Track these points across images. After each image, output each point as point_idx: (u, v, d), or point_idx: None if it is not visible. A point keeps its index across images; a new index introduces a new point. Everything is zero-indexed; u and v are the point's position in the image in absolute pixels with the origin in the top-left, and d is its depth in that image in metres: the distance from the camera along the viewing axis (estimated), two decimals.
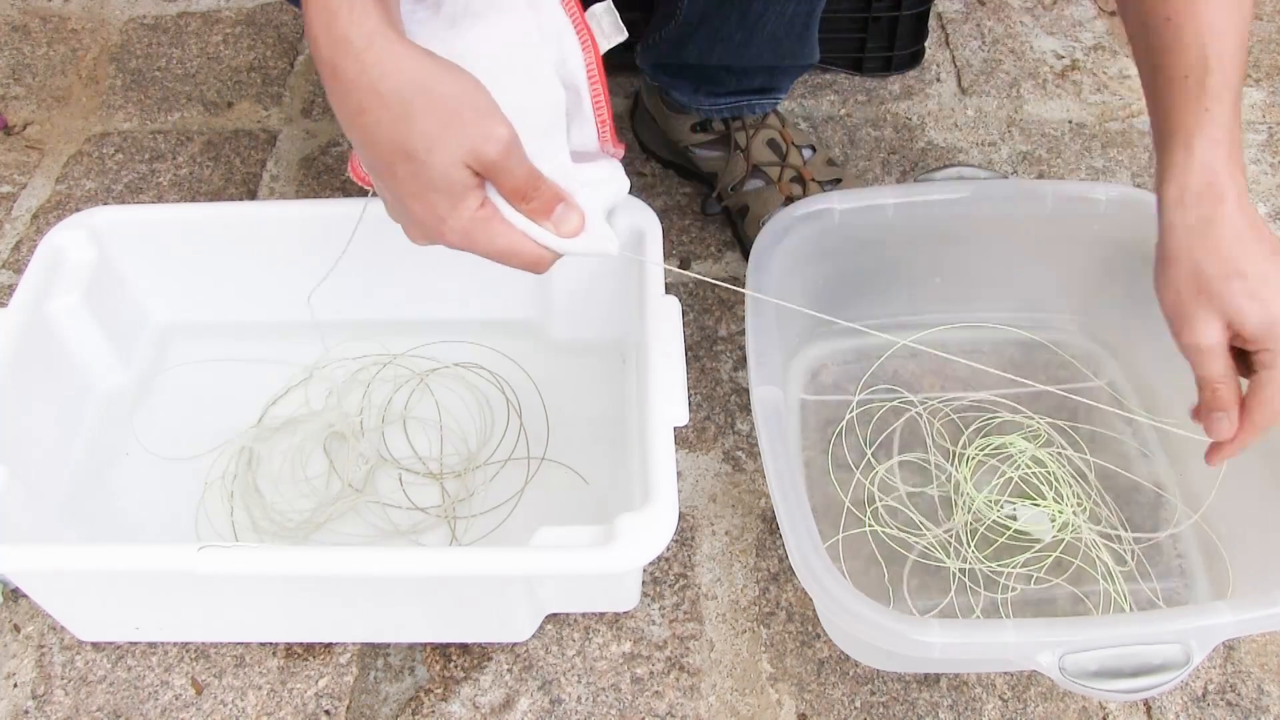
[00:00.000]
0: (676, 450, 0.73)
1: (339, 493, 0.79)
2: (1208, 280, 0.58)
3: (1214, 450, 0.62)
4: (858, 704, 0.71)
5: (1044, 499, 0.77)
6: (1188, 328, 0.59)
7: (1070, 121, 1.13)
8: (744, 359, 0.84)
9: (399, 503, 0.79)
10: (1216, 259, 0.58)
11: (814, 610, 0.75)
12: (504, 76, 0.55)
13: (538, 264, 0.58)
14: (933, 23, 1.22)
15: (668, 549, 0.78)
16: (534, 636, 0.74)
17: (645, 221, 0.77)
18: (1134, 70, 1.19)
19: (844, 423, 0.83)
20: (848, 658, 0.73)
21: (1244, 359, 0.60)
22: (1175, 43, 0.59)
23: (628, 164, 1.07)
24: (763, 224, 0.78)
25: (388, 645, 0.74)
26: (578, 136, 0.61)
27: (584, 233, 0.58)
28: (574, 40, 0.58)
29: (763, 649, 0.74)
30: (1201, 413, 0.61)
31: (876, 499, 0.79)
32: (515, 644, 0.74)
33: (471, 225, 0.55)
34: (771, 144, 0.96)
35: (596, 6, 0.59)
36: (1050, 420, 0.82)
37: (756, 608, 0.76)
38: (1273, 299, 0.57)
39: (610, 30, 0.59)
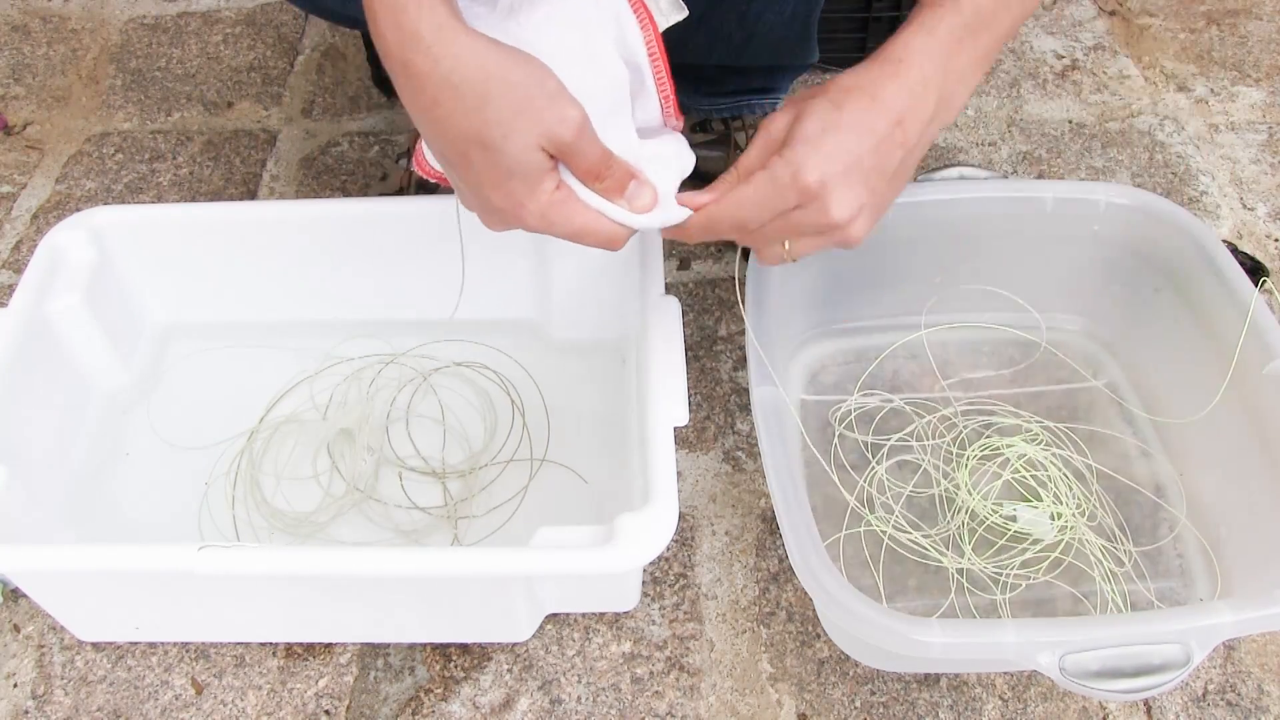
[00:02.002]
0: (676, 450, 0.73)
1: (341, 493, 0.79)
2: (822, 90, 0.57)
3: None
4: (858, 704, 0.71)
5: (1043, 499, 0.77)
6: (768, 119, 0.59)
7: (1070, 121, 1.13)
8: (744, 359, 0.84)
9: (401, 502, 0.79)
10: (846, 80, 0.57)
11: (814, 610, 0.75)
12: (567, 60, 0.55)
13: (613, 241, 0.59)
14: None
15: (668, 549, 0.78)
16: (534, 636, 0.74)
17: (652, 231, 0.77)
18: (1134, 70, 1.20)
19: (844, 423, 0.83)
20: (848, 658, 0.73)
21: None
22: None
23: None
24: None
25: (388, 645, 0.74)
26: (641, 114, 0.61)
27: (657, 207, 0.59)
28: (632, 19, 0.59)
29: (763, 649, 0.74)
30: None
31: (876, 499, 0.79)
32: (515, 644, 0.74)
33: (549, 207, 0.56)
34: None
35: None
36: (1050, 420, 0.82)
37: (756, 608, 0.76)
38: (827, 131, 0.55)
39: (668, 8, 0.60)
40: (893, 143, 0.56)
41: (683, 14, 0.60)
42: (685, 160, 0.63)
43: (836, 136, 0.55)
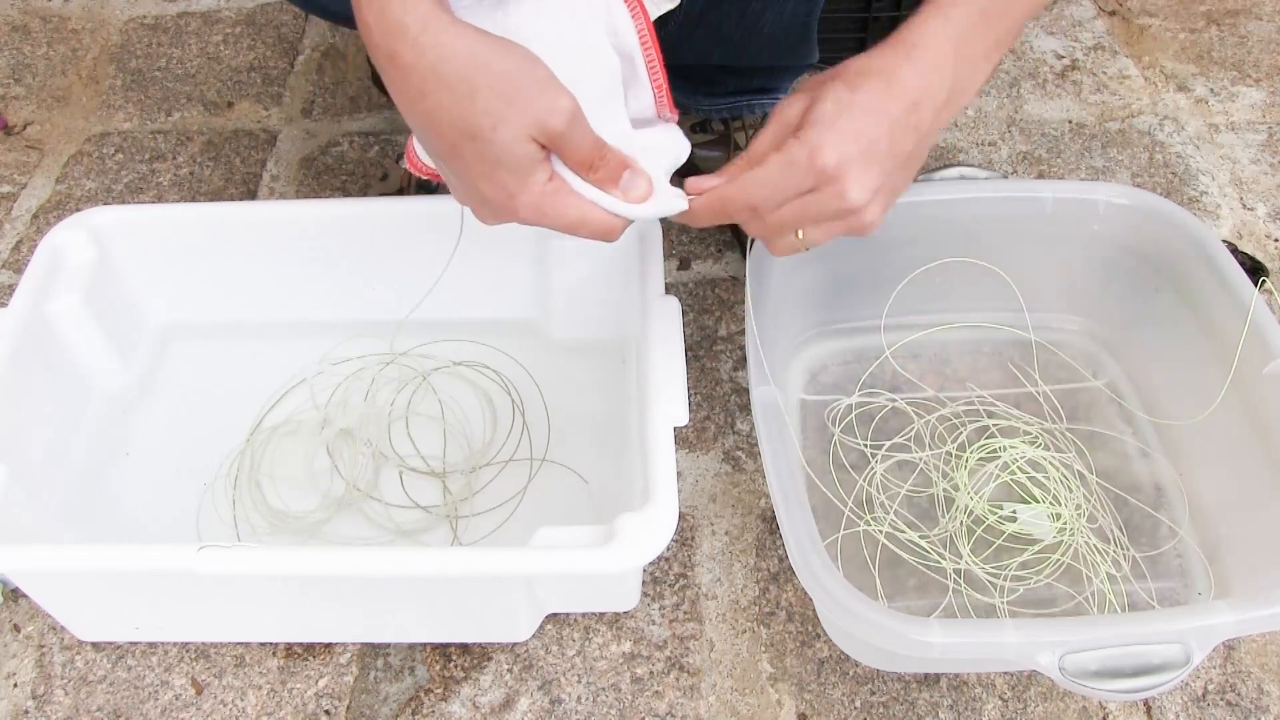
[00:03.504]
0: (676, 450, 0.73)
1: (341, 492, 0.79)
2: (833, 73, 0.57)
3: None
4: (858, 704, 0.71)
5: (1043, 500, 0.77)
6: (781, 103, 0.58)
7: (1070, 121, 1.13)
8: (744, 359, 0.84)
9: (400, 502, 0.79)
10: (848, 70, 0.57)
11: (814, 610, 0.75)
12: (558, 50, 0.55)
13: (609, 232, 0.58)
14: None
15: (668, 549, 0.78)
16: (534, 636, 0.74)
17: (645, 222, 0.77)
18: (1134, 70, 1.19)
19: (844, 423, 0.83)
20: (848, 658, 0.73)
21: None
22: None
23: None
24: None
25: (388, 645, 0.74)
26: (634, 104, 0.61)
27: (652, 196, 0.59)
28: (623, 8, 0.58)
29: (763, 649, 0.74)
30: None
31: (876, 499, 0.78)
32: (515, 644, 0.74)
33: (542, 199, 0.55)
34: None
35: None
36: (1049, 421, 0.82)
37: (756, 608, 0.76)
38: (839, 116, 0.55)
39: None
40: (908, 126, 0.56)
41: (674, 2, 0.60)
42: (680, 149, 0.62)
43: (852, 118, 0.54)
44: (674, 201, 0.59)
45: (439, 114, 0.52)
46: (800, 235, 0.58)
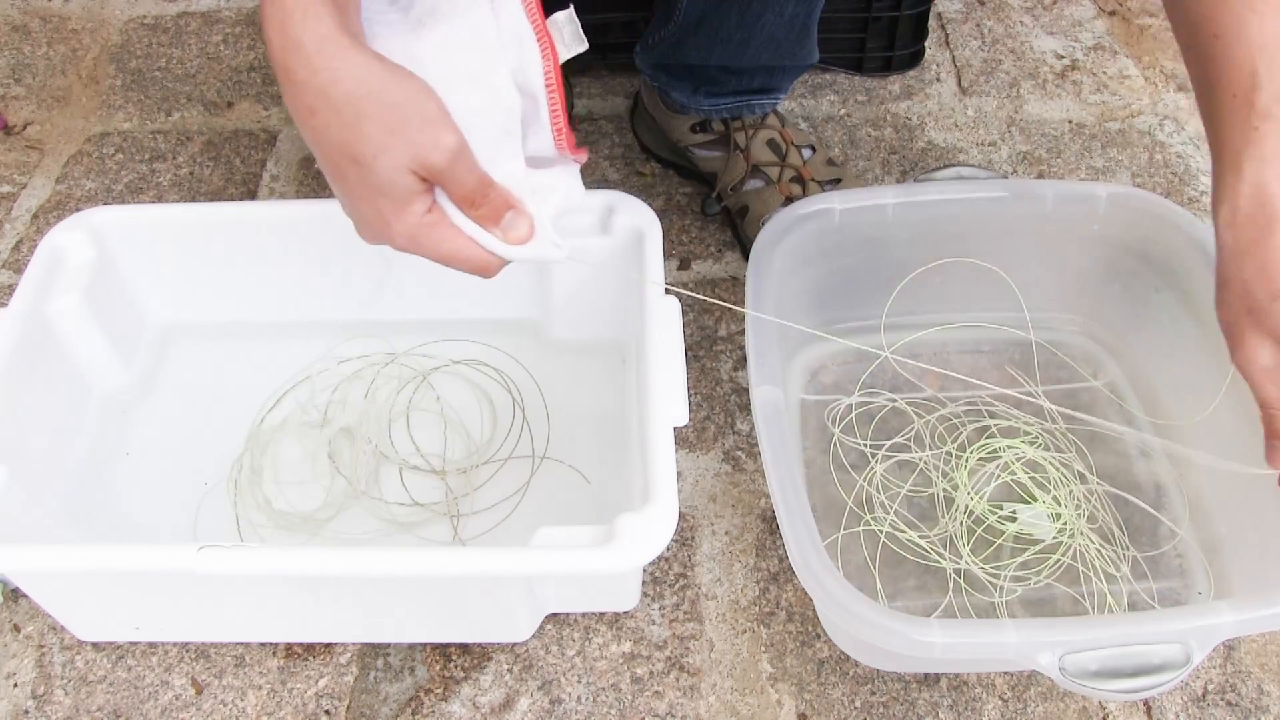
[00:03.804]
0: (676, 450, 0.73)
1: (341, 491, 0.79)
2: (1257, 302, 0.58)
3: None
4: (858, 704, 0.71)
5: (1043, 499, 0.77)
6: (1240, 349, 0.59)
7: (1070, 121, 1.13)
8: (744, 359, 0.84)
9: (401, 499, 0.79)
10: (1264, 279, 0.57)
11: (814, 610, 0.75)
12: (460, 82, 0.55)
13: (484, 269, 0.59)
14: (933, 23, 1.22)
15: (668, 549, 0.78)
16: (534, 636, 0.74)
17: (645, 222, 0.77)
18: (1134, 70, 1.20)
19: (844, 423, 0.83)
20: (848, 658, 0.73)
21: None
22: (1224, 59, 0.58)
23: (628, 164, 1.08)
24: (763, 224, 0.78)
25: (388, 645, 0.74)
26: (535, 143, 0.61)
27: (533, 239, 0.59)
28: (534, 47, 0.58)
29: (763, 649, 0.74)
30: (1267, 439, 0.61)
31: (876, 499, 0.79)
32: (515, 644, 0.74)
33: (417, 230, 0.56)
34: (771, 144, 0.96)
35: (559, 15, 0.59)
36: (1049, 421, 0.82)
37: (756, 608, 0.76)
38: None
39: (571, 40, 0.59)
40: None
41: (584, 46, 0.59)
42: (573, 193, 0.62)
43: None
44: (553, 249, 0.60)
45: (325, 134, 0.53)
46: None
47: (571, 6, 0.59)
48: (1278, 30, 0.57)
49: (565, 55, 0.59)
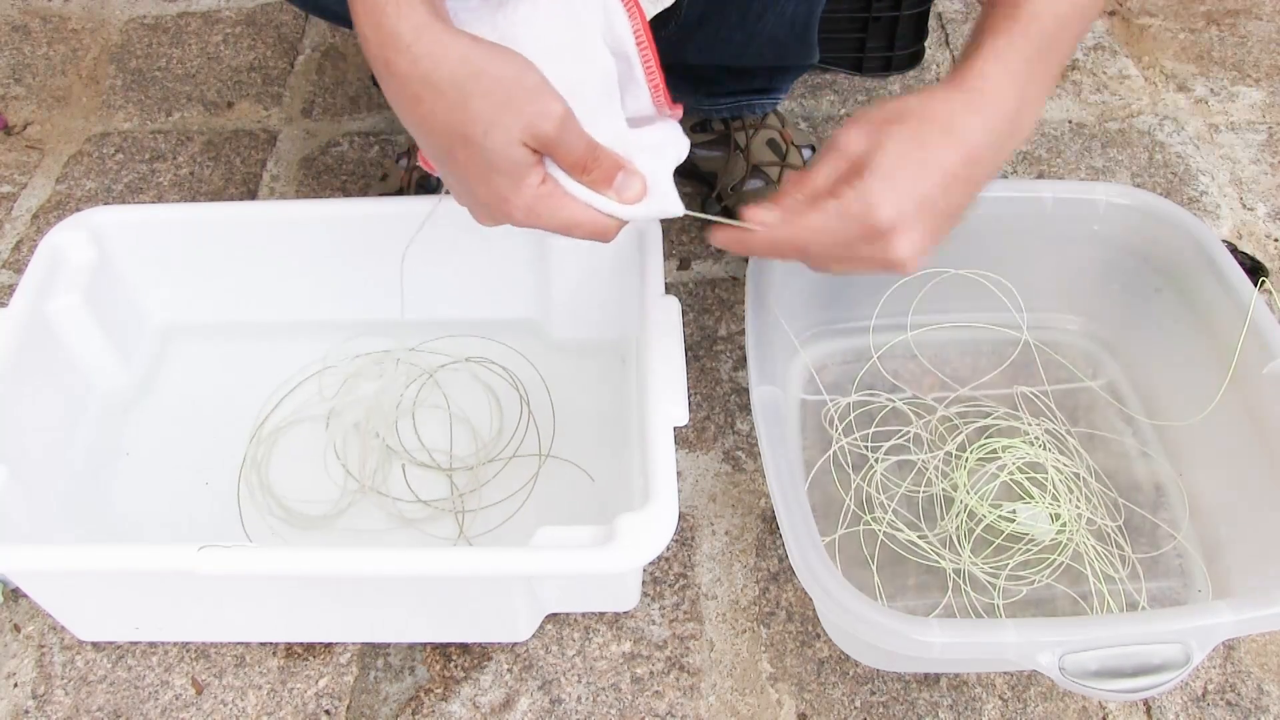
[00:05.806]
0: (676, 450, 0.73)
1: (346, 489, 0.79)
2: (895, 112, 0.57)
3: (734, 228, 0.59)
4: (858, 704, 0.71)
5: (1042, 499, 0.77)
6: (843, 133, 0.58)
7: (1070, 121, 1.13)
8: (744, 359, 0.84)
9: (405, 496, 0.79)
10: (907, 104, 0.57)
11: (814, 610, 0.75)
12: (554, 53, 0.56)
13: (604, 233, 0.59)
14: (933, 23, 1.22)
15: (668, 549, 0.78)
16: (534, 636, 0.74)
17: (642, 222, 0.77)
18: (1134, 70, 1.20)
19: (844, 423, 0.83)
20: (848, 658, 0.73)
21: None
22: None
23: None
24: None
25: (388, 645, 0.74)
26: (632, 103, 0.61)
27: (647, 197, 0.59)
28: (619, 8, 0.59)
29: (763, 649, 0.74)
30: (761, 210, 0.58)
31: (876, 499, 0.79)
32: (515, 644, 0.74)
33: (535, 202, 0.56)
34: (771, 144, 0.96)
35: None
36: (1049, 420, 0.82)
37: (756, 608, 0.76)
38: (900, 157, 0.55)
39: None
40: (963, 181, 0.56)
41: (669, 1, 0.60)
42: (680, 147, 0.62)
43: (910, 174, 0.55)
44: (670, 203, 0.60)
45: (433, 120, 0.53)
46: (836, 268, 0.59)
47: None
48: None
49: (652, 11, 0.60)
